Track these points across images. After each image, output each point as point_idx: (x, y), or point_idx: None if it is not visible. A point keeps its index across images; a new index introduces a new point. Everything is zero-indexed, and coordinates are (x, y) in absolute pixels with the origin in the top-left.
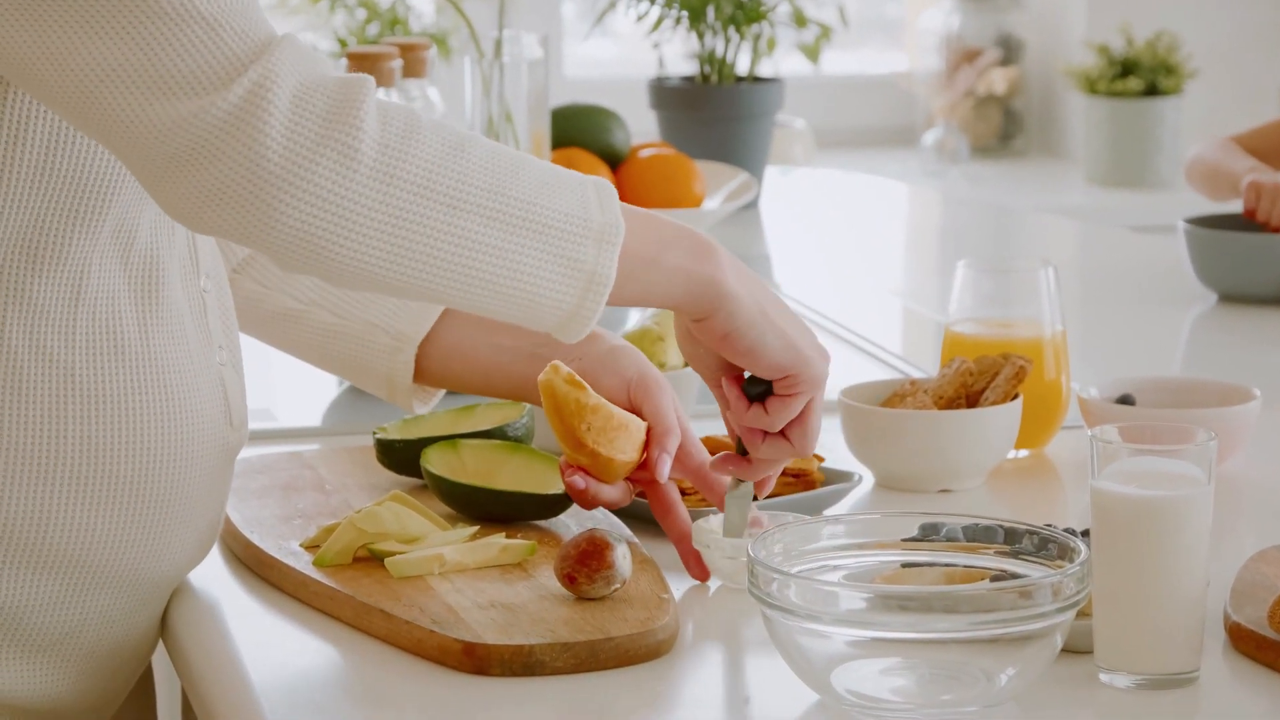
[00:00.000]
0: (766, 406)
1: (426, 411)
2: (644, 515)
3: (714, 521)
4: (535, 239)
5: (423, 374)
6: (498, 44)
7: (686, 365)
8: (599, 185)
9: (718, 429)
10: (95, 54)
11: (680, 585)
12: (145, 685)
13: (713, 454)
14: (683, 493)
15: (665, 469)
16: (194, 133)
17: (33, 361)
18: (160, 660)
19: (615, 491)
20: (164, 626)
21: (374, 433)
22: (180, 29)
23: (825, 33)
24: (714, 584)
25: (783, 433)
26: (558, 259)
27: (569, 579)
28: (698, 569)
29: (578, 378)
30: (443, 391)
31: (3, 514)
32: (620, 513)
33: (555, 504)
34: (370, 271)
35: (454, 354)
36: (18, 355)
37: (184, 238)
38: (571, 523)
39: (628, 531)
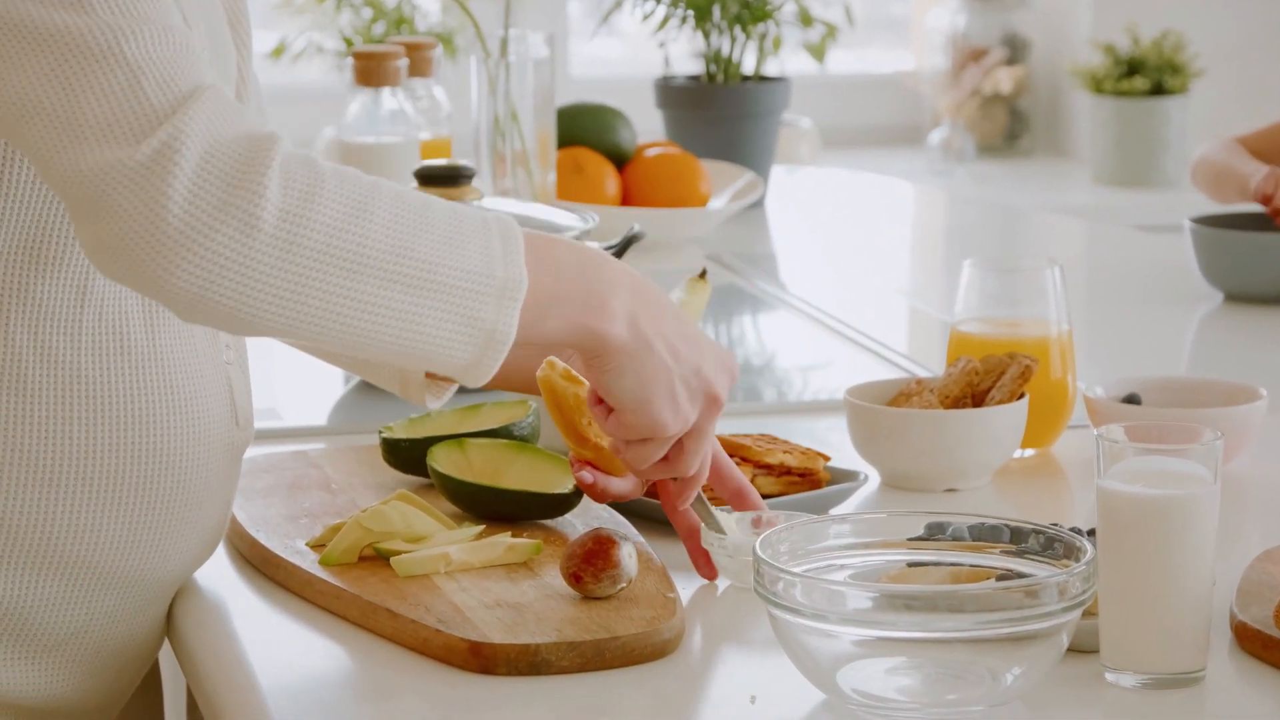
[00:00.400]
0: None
1: (439, 407)
2: (651, 514)
3: (721, 520)
4: (436, 299)
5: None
6: (504, 43)
7: None
8: (505, 234)
9: (728, 427)
10: (20, 85)
11: (686, 584)
12: (152, 683)
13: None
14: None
15: None
16: (100, 184)
17: (38, 362)
18: (166, 659)
19: (625, 484)
20: (170, 625)
21: (380, 432)
22: (103, 72)
23: (831, 32)
24: (720, 583)
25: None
26: (458, 318)
27: (575, 578)
28: (706, 568)
29: (574, 372)
30: (455, 386)
31: (8, 515)
32: (626, 511)
33: (561, 503)
34: (269, 328)
35: None
36: (23, 356)
37: None
38: (577, 522)
39: (634, 531)
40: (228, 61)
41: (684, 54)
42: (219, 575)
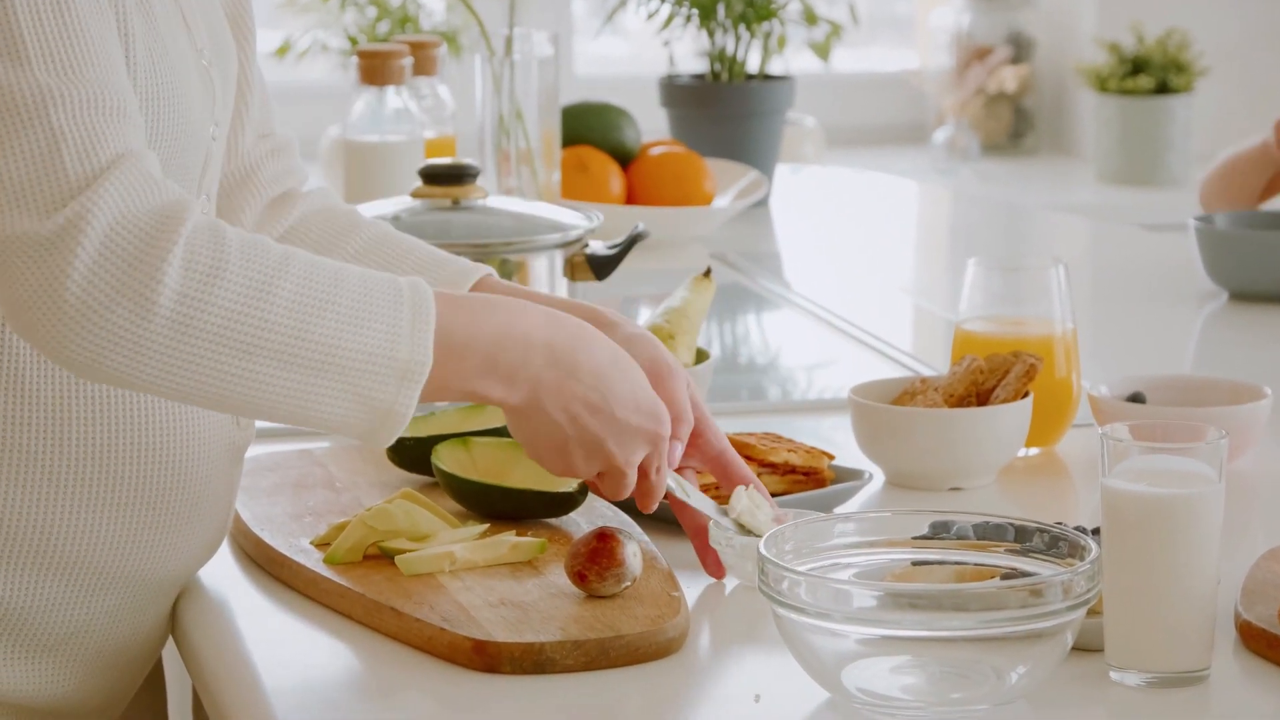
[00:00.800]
0: None
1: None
2: (656, 513)
3: (729, 519)
4: (332, 380)
5: None
6: (508, 42)
7: (699, 363)
8: (417, 308)
9: (733, 426)
10: None
11: (691, 583)
12: (156, 682)
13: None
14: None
15: (676, 455)
16: (6, 250)
17: (35, 363)
18: (171, 658)
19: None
20: (174, 624)
21: None
22: (25, 133)
23: (836, 30)
24: (726, 582)
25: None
26: (354, 398)
27: (580, 577)
28: (714, 566)
29: None
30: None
31: (6, 515)
32: (631, 510)
33: (565, 502)
34: (165, 395)
35: None
36: (19, 358)
37: None
38: (582, 520)
39: (638, 529)
40: (228, 60)
41: (689, 52)
42: (223, 574)
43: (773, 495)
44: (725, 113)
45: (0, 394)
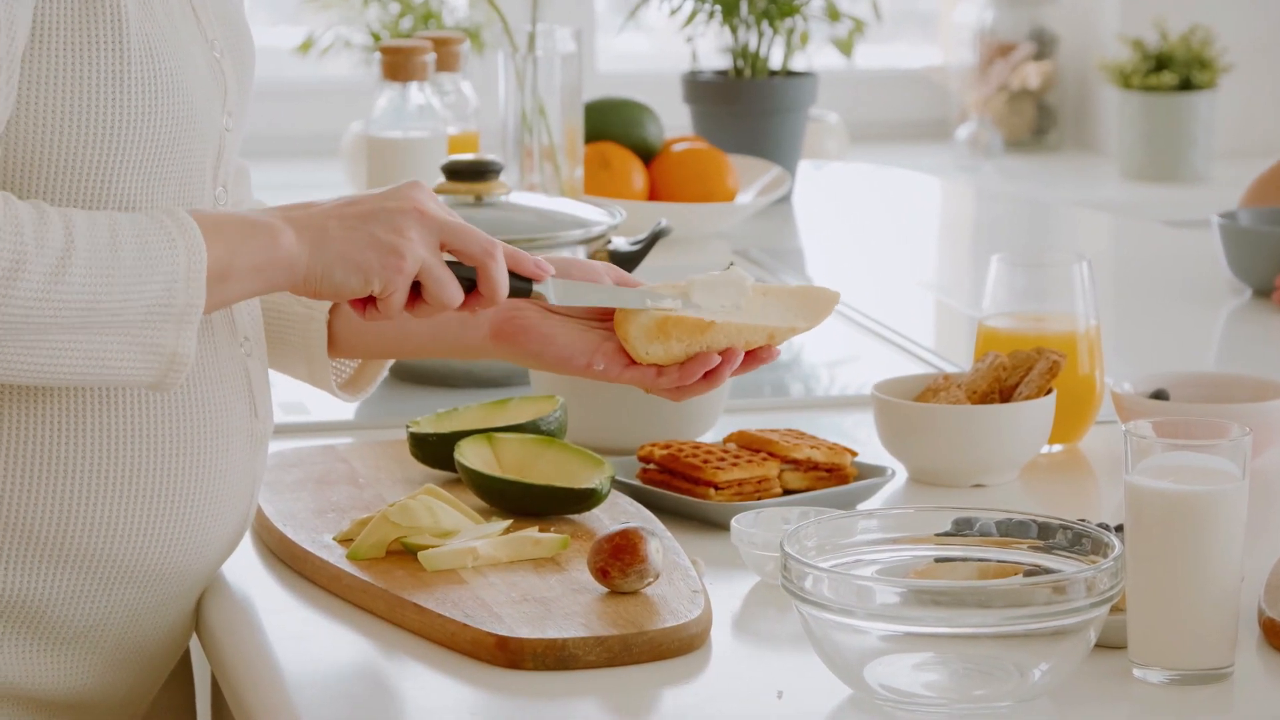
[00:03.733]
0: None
1: (355, 401)
2: (679, 510)
3: (749, 518)
4: (120, 336)
5: (340, 345)
6: (531, 38)
7: None
8: (190, 249)
9: (755, 422)
10: None
11: (713, 579)
12: (183, 677)
13: (741, 445)
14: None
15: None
16: None
17: None
18: (197, 652)
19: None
20: (197, 620)
21: (408, 426)
22: None
23: (859, 26)
24: (748, 578)
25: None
26: (140, 348)
27: (602, 573)
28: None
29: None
30: (376, 381)
31: (25, 508)
32: (654, 507)
33: (588, 498)
34: None
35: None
36: None
37: None
38: (605, 517)
39: (661, 526)
40: (244, 53)
41: (711, 49)
42: (246, 569)
43: (796, 492)
44: (748, 109)
45: (15, 389)
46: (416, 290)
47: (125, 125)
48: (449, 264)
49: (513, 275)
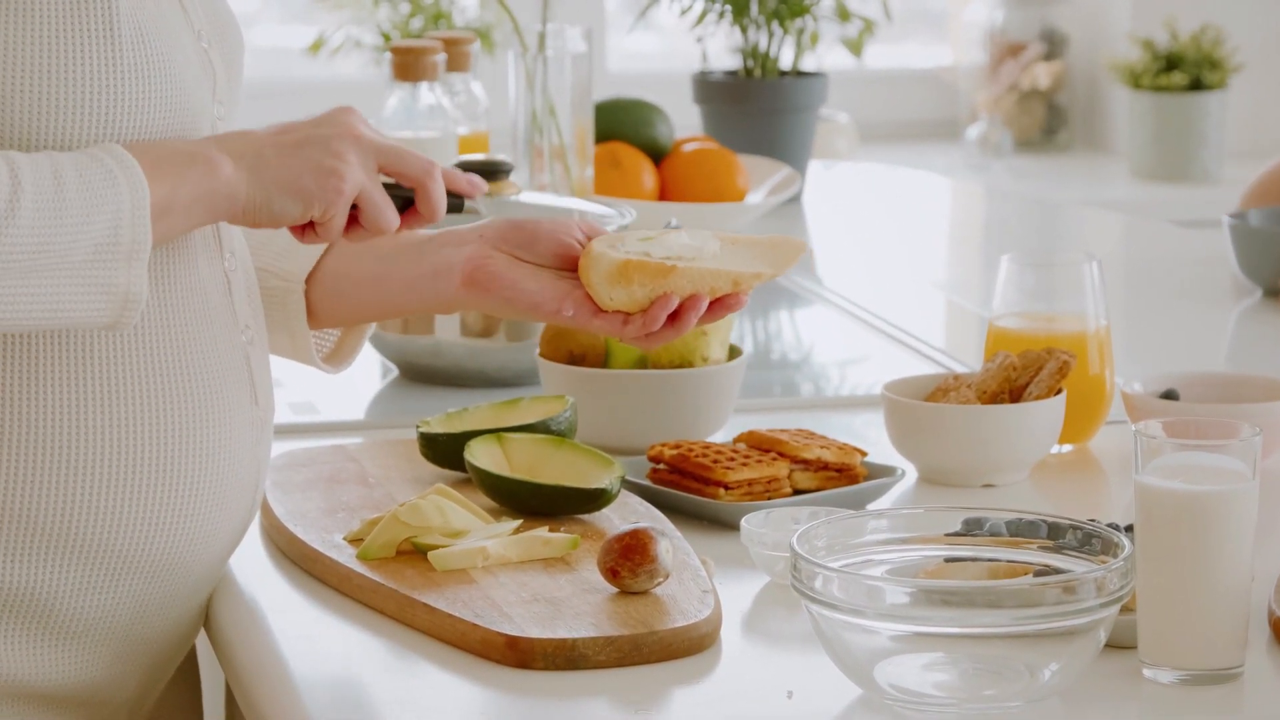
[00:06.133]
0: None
1: (338, 372)
2: (688, 510)
3: (759, 518)
4: (72, 278)
5: (318, 316)
6: (541, 38)
7: (732, 360)
8: (133, 188)
9: (765, 422)
10: None
11: (723, 579)
12: (190, 675)
13: (751, 445)
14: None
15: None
16: None
17: (48, 347)
18: (205, 652)
19: (604, 321)
20: (207, 619)
21: (418, 426)
22: None
23: (868, 26)
24: (757, 578)
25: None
26: (92, 287)
27: (612, 573)
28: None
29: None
30: (355, 354)
31: (29, 500)
32: (663, 506)
33: (598, 498)
34: None
35: (342, 284)
36: (33, 341)
37: None
38: (615, 517)
39: (671, 526)
40: (231, 44)
41: (721, 49)
42: (256, 569)
43: (806, 492)
44: (758, 109)
45: (15, 379)
46: (354, 216)
47: (119, 113)
48: (385, 185)
49: (448, 194)
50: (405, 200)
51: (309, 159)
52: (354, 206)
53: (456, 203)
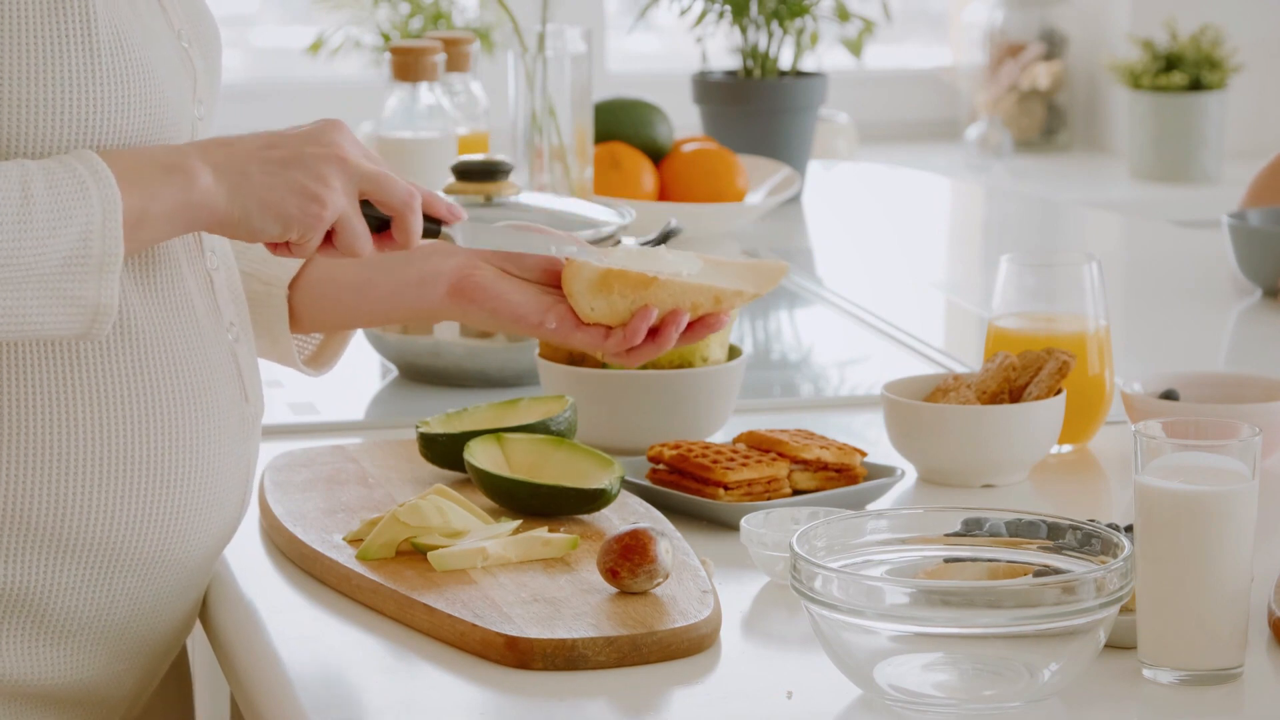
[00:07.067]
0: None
1: (320, 375)
2: (688, 510)
3: (759, 518)
4: (40, 290)
5: (300, 321)
6: (541, 38)
7: (731, 360)
8: (104, 199)
9: (765, 422)
10: None
11: (723, 580)
12: (180, 673)
13: (751, 446)
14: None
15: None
16: None
17: (37, 346)
18: (204, 652)
19: (585, 335)
20: (205, 619)
21: (417, 426)
22: None
23: (868, 27)
24: (757, 579)
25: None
26: (61, 300)
27: (612, 573)
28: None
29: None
30: (338, 355)
31: (21, 500)
32: (663, 506)
33: (598, 498)
34: None
35: (325, 290)
36: (22, 344)
37: None
38: (614, 517)
39: (671, 526)
40: (210, 43)
41: (721, 49)
42: (255, 569)
43: (805, 492)
44: (758, 109)
45: (4, 379)
46: (329, 235)
47: (98, 117)
48: (363, 203)
49: (426, 219)
50: (382, 221)
51: (293, 181)
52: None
53: (433, 228)
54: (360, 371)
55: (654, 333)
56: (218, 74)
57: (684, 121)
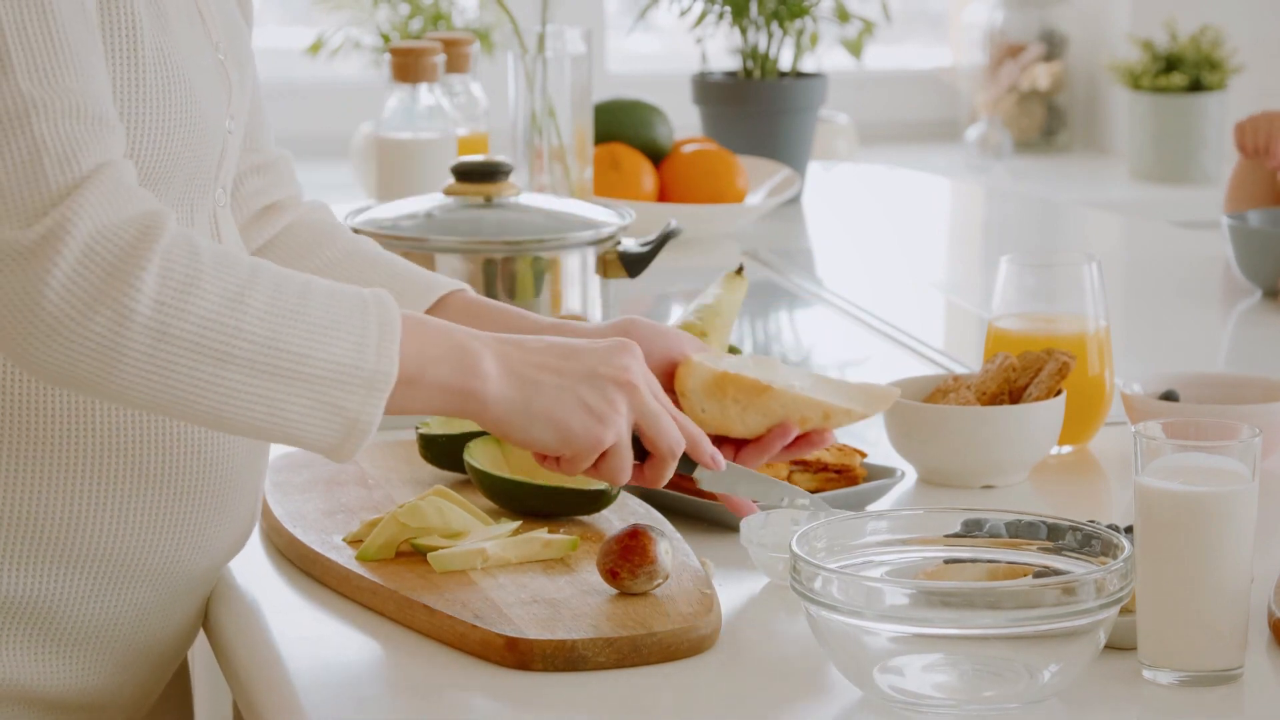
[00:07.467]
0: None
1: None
2: (687, 510)
3: (760, 518)
4: (301, 389)
5: None
6: (541, 39)
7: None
8: (383, 321)
9: None
10: None
11: (723, 581)
12: (182, 680)
13: None
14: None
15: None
16: None
17: None
18: (205, 655)
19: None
20: (207, 621)
21: (417, 427)
22: (7, 142)
23: (868, 27)
24: (757, 579)
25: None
26: (322, 406)
27: (612, 574)
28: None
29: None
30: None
31: (33, 510)
32: (663, 507)
33: (597, 499)
34: (134, 403)
35: None
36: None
37: (207, 229)
38: (614, 518)
39: (670, 527)
40: (244, 54)
41: (721, 50)
42: (255, 571)
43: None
44: (758, 110)
45: (19, 389)
46: None
47: (138, 133)
48: None
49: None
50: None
51: (583, 401)
52: None
53: (686, 465)
54: None
55: (759, 440)
56: (249, 86)
57: (684, 122)
